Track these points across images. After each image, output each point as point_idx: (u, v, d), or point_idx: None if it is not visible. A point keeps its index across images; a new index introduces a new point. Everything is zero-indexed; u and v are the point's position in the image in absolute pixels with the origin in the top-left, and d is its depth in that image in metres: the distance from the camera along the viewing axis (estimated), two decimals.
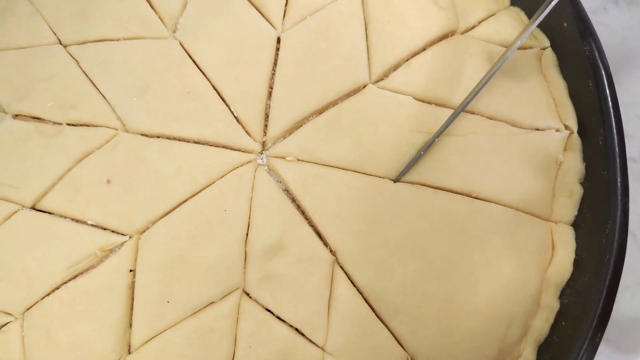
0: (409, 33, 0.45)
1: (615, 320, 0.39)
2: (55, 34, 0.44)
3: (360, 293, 0.41)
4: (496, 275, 0.41)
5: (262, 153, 0.43)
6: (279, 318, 0.40)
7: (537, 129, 0.44)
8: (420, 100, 0.44)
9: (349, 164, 0.42)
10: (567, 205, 0.43)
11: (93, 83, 0.43)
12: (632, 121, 0.46)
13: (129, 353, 0.39)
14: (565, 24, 0.44)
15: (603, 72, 0.41)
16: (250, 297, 0.40)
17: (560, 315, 0.42)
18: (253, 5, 0.45)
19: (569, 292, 0.42)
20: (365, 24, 0.45)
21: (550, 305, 0.42)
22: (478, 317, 0.40)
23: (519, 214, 0.43)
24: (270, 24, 0.45)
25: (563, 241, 0.42)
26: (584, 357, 0.38)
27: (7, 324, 0.40)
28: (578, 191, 0.43)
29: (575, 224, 0.43)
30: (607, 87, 0.41)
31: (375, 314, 0.40)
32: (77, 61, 0.44)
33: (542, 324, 0.42)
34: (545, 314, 0.42)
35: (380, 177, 0.42)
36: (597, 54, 0.42)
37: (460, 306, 0.40)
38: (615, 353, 0.45)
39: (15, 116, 0.43)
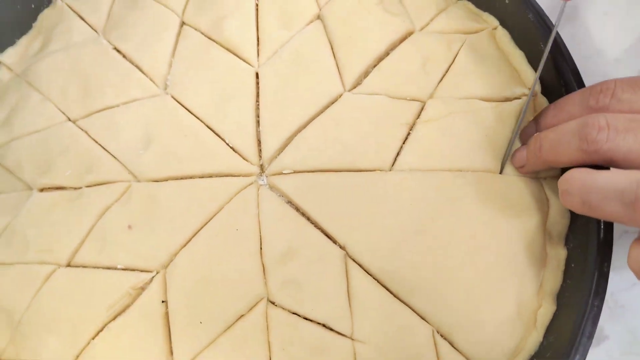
0: (369, 42, 0.49)
1: None
2: (63, 113, 0.50)
3: (376, 279, 0.43)
4: (498, 235, 0.43)
5: (262, 174, 0.47)
6: (305, 318, 0.42)
7: (507, 99, 0.47)
8: (394, 97, 0.48)
9: (341, 165, 0.46)
10: None
11: (103, 147, 0.48)
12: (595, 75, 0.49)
13: None
14: (506, 1, 0.49)
15: (552, 33, 0.45)
16: (275, 305, 0.43)
17: (569, 260, 0.43)
18: (229, 51, 0.51)
19: (572, 237, 0.44)
20: (330, 43, 0.50)
21: (557, 253, 0.44)
22: (491, 277, 0.42)
23: (508, 177, 0.45)
24: (247, 62, 0.50)
25: (555, 192, 0.44)
26: (599, 289, 0.39)
27: None
28: None
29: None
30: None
31: (394, 296, 0.43)
32: (86, 132, 0.49)
33: (554, 273, 0.43)
34: (554, 263, 0.44)
35: (372, 170, 0.45)
36: (540, 17, 0.46)
37: (471, 271, 0.42)
38: None
39: (41, 190, 0.48)
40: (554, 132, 0.40)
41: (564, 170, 0.43)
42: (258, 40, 0.51)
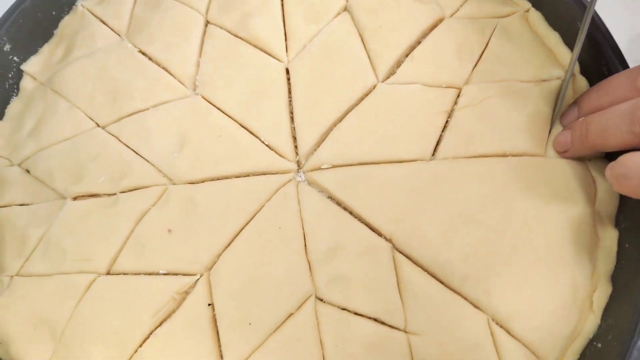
0: (400, 31, 0.49)
1: None
2: (92, 119, 0.49)
3: (425, 270, 0.42)
4: (548, 221, 0.42)
5: (299, 171, 0.46)
6: (356, 314, 0.41)
7: (543, 81, 0.47)
8: (429, 86, 0.47)
9: (380, 157, 0.45)
10: None
11: (135, 152, 0.47)
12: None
13: None
14: None
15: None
16: (324, 302, 0.42)
17: (622, 240, 0.42)
18: (257, 47, 0.50)
19: (622, 217, 0.43)
20: (360, 34, 0.49)
21: (609, 234, 0.43)
22: (543, 263, 0.41)
23: (553, 160, 0.44)
24: (276, 59, 0.49)
25: (601, 172, 0.44)
26: None
27: None
28: None
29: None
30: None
31: (445, 286, 0.42)
32: (117, 137, 0.48)
33: (606, 254, 0.42)
34: (606, 245, 0.43)
35: (413, 160, 0.44)
36: None
37: (523, 257, 0.41)
38: None
39: (74, 198, 0.47)
40: (602, 116, 0.39)
41: (608, 154, 0.42)
42: (286, 36, 0.51)
